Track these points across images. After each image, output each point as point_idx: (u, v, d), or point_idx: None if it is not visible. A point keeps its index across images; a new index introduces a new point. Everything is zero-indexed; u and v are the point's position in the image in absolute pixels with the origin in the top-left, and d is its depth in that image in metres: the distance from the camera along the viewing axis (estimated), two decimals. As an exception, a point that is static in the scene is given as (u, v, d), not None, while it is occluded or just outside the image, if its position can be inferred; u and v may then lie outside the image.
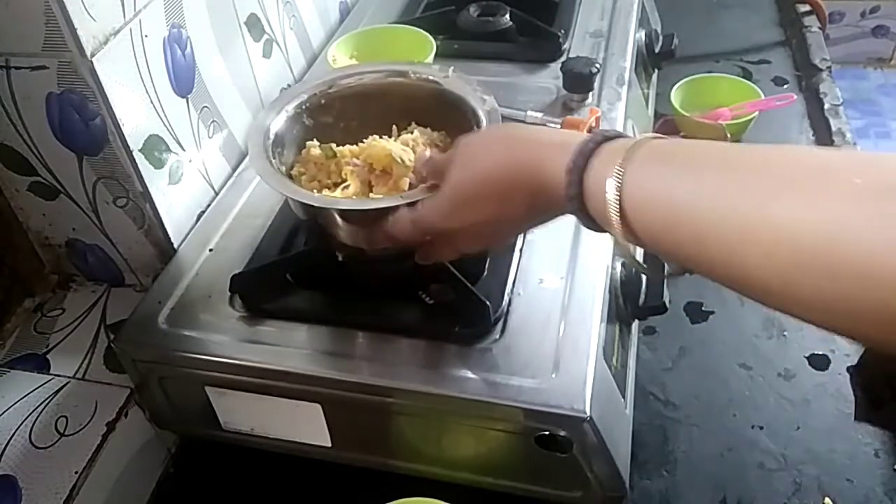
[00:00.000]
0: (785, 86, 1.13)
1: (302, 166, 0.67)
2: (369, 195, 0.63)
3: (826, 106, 1.05)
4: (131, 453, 0.67)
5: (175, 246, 0.73)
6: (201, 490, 0.70)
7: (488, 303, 0.60)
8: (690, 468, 0.68)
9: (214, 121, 0.79)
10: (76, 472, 0.61)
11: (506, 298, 0.62)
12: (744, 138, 0.99)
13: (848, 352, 0.76)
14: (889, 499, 0.64)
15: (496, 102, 0.64)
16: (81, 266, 0.77)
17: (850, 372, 0.74)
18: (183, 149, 0.73)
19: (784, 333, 0.78)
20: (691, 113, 0.99)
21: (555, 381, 0.56)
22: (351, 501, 0.67)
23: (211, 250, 0.71)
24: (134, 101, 0.65)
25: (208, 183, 0.78)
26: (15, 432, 0.63)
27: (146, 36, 0.66)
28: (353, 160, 0.64)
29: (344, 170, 0.64)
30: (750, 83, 1.04)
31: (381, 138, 0.65)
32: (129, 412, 0.66)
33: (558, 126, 0.78)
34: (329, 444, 0.65)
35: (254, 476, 0.70)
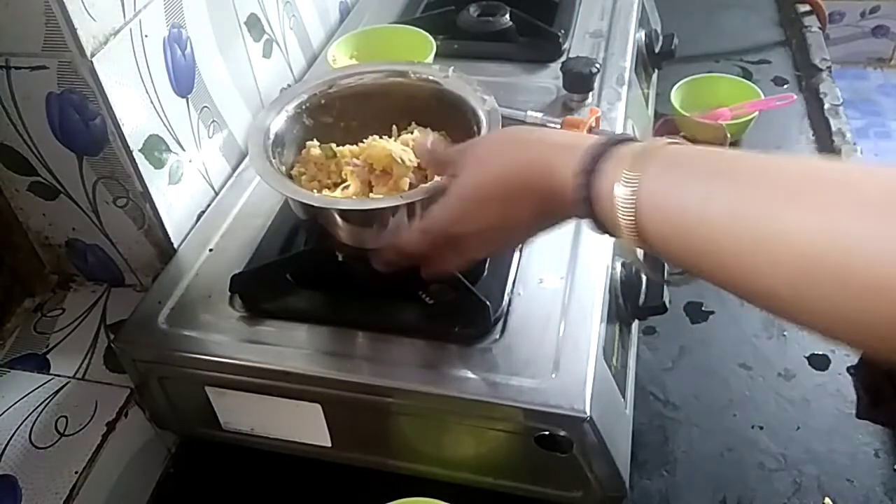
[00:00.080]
0: (785, 86, 1.13)
1: (302, 166, 0.67)
2: (369, 195, 0.63)
3: (826, 106, 1.05)
4: (131, 453, 0.67)
5: (175, 246, 0.73)
6: (201, 490, 0.70)
7: (488, 303, 0.60)
8: (690, 468, 0.68)
9: (214, 121, 0.79)
10: (76, 472, 0.61)
11: (506, 298, 0.62)
12: (744, 138, 0.99)
13: (848, 352, 0.76)
14: (889, 499, 0.64)
15: (496, 102, 0.64)
16: (81, 266, 0.77)
17: (852, 369, 0.73)
18: (183, 149, 0.73)
19: (784, 333, 0.78)
20: (691, 113, 0.99)
21: (555, 381, 0.56)
22: (351, 501, 0.67)
23: (211, 250, 0.71)
24: (134, 101, 0.65)
25: (208, 183, 0.78)
26: (15, 432, 0.63)
27: (146, 36, 0.66)
28: (353, 160, 0.64)
29: (344, 170, 0.65)
30: (750, 83, 1.04)
31: (381, 138, 0.65)
32: (129, 412, 0.66)
33: (558, 126, 0.78)
34: (329, 444, 0.65)
35: (254, 476, 0.70)
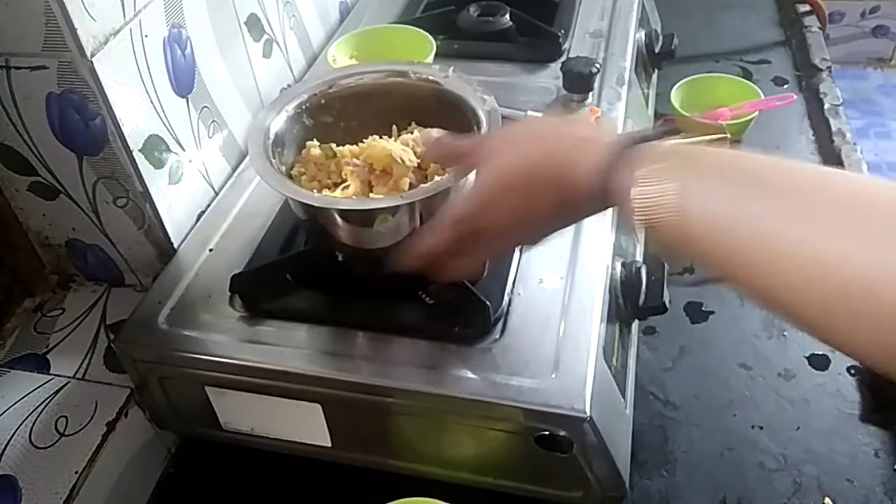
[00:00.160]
0: (785, 86, 1.13)
1: (302, 166, 0.67)
2: (369, 195, 0.63)
3: (826, 106, 1.05)
4: (131, 453, 0.67)
5: (175, 246, 0.73)
6: (201, 490, 0.70)
7: (488, 303, 0.60)
8: (690, 468, 0.68)
9: (214, 121, 0.79)
10: (76, 472, 0.61)
11: (506, 298, 0.62)
12: (744, 138, 0.99)
13: (848, 352, 0.76)
14: (889, 499, 0.64)
15: (496, 102, 0.64)
16: (81, 266, 0.77)
17: (856, 372, 0.74)
18: (183, 149, 0.73)
19: (784, 333, 0.78)
20: (691, 113, 0.99)
21: (555, 381, 0.56)
22: (351, 501, 0.67)
23: (211, 250, 0.71)
24: (134, 101, 0.65)
25: (208, 183, 0.78)
26: (15, 432, 0.63)
27: (146, 36, 0.66)
28: (353, 160, 0.64)
29: (344, 170, 0.64)
30: (750, 83, 1.04)
31: (381, 138, 0.65)
32: (129, 412, 0.66)
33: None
34: (329, 444, 0.65)
35: (254, 476, 0.70)
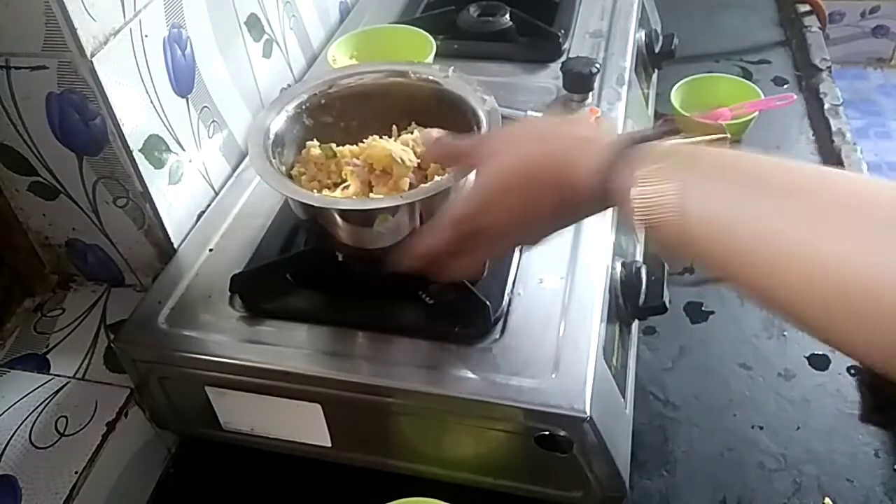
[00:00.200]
0: (785, 86, 1.13)
1: (302, 166, 0.67)
2: (369, 195, 0.63)
3: (826, 106, 1.05)
4: (131, 453, 0.67)
5: (175, 246, 0.72)
6: (201, 490, 0.70)
7: (488, 303, 0.60)
8: (690, 468, 0.68)
9: (214, 121, 0.78)
10: (76, 472, 0.61)
11: (506, 298, 0.62)
12: (744, 138, 0.99)
13: (848, 352, 0.76)
14: (889, 499, 0.64)
15: (496, 102, 0.64)
16: (81, 266, 0.77)
17: (856, 372, 0.74)
18: (183, 149, 0.73)
19: (784, 333, 0.78)
20: (691, 113, 0.99)
21: (555, 381, 0.56)
22: (351, 501, 0.67)
23: (211, 250, 0.71)
24: (134, 101, 0.65)
25: (208, 183, 0.78)
26: (15, 432, 0.63)
27: (146, 36, 0.66)
28: (353, 160, 0.64)
29: (344, 170, 0.64)
30: (750, 83, 1.03)
31: (381, 138, 0.65)
32: (129, 412, 0.66)
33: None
34: (329, 444, 0.65)
35: (254, 476, 0.70)
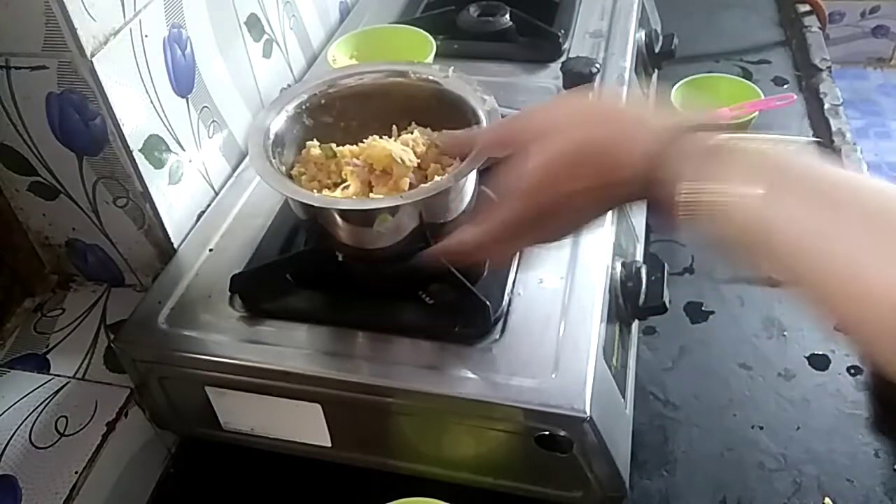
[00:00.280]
0: (785, 86, 1.13)
1: (302, 166, 0.66)
2: (369, 195, 0.63)
3: (826, 106, 1.05)
4: (131, 453, 0.67)
5: (175, 246, 0.72)
6: (201, 490, 0.70)
7: (488, 303, 0.60)
8: (690, 468, 0.68)
9: (214, 121, 0.78)
10: (76, 472, 0.61)
11: (506, 298, 0.62)
12: (744, 138, 0.99)
13: (848, 352, 0.76)
14: (889, 499, 0.64)
15: (496, 102, 0.64)
16: (81, 266, 0.77)
17: (868, 382, 0.73)
18: (183, 149, 0.73)
19: (784, 333, 0.78)
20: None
21: (555, 381, 0.56)
22: (351, 501, 0.67)
23: (211, 250, 0.71)
24: (134, 101, 0.65)
25: (208, 183, 0.78)
26: (15, 432, 0.63)
27: (146, 36, 0.66)
28: (353, 160, 0.64)
29: (344, 170, 0.64)
30: (750, 83, 1.04)
31: (381, 138, 0.65)
32: (129, 412, 0.66)
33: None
34: (329, 444, 0.65)
35: (254, 476, 0.70)
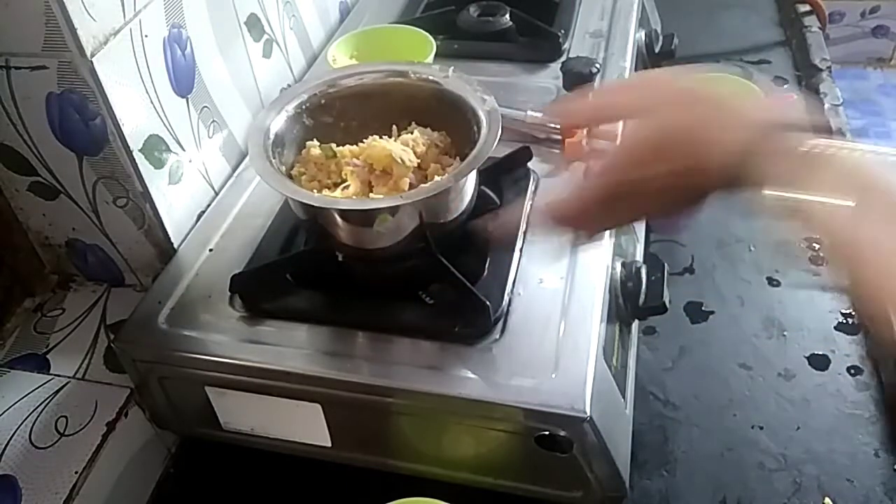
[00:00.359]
0: (785, 86, 1.13)
1: (302, 166, 0.67)
2: (369, 195, 0.63)
3: (826, 106, 1.05)
4: (131, 453, 0.67)
5: (175, 246, 0.72)
6: (201, 490, 0.70)
7: (488, 303, 0.60)
8: (690, 468, 0.68)
9: (214, 121, 0.78)
10: (76, 472, 0.61)
11: (506, 298, 0.62)
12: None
13: (848, 352, 0.76)
14: (889, 499, 0.64)
15: (496, 102, 0.64)
16: (81, 266, 0.77)
17: (882, 398, 0.72)
18: (183, 149, 0.73)
19: (784, 333, 0.78)
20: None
21: (555, 381, 0.56)
22: (351, 501, 0.67)
23: (211, 250, 0.71)
24: (134, 101, 0.65)
25: (208, 183, 0.78)
26: (15, 432, 0.63)
27: (146, 36, 0.66)
28: (353, 160, 0.64)
29: (344, 170, 0.65)
30: (750, 83, 1.03)
31: (381, 138, 0.65)
32: (129, 412, 0.66)
33: (558, 126, 0.78)
34: (329, 444, 0.65)
35: (254, 476, 0.70)
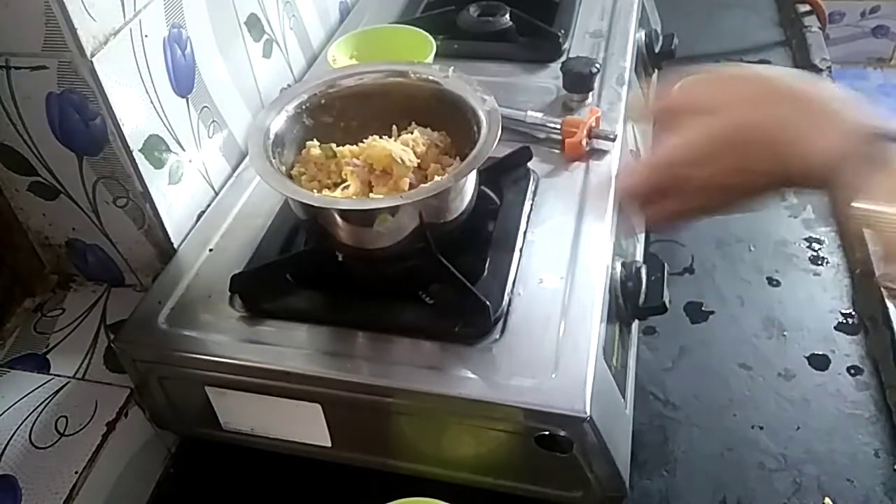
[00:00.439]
0: (785, 86, 1.13)
1: (302, 166, 0.67)
2: (369, 195, 0.63)
3: (826, 106, 1.05)
4: (131, 453, 0.67)
5: (175, 246, 0.72)
6: (201, 490, 0.70)
7: (488, 303, 0.60)
8: (690, 468, 0.68)
9: (214, 121, 0.78)
10: (76, 472, 0.61)
11: (506, 298, 0.62)
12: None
13: (848, 352, 0.76)
14: (889, 499, 0.64)
15: (496, 102, 0.64)
16: (81, 266, 0.77)
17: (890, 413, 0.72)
18: (183, 149, 0.73)
19: (784, 333, 0.78)
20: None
21: (555, 381, 0.56)
22: (351, 501, 0.67)
23: (211, 250, 0.71)
24: (134, 101, 0.65)
25: (208, 183, 0.78)
26: (15, 432, 0.63)
27: (146, 36, 0.66)
28: (353, 160, 0.64)
29: (344, 170, 0.65)
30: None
31: (381, 138, 0.65)
32: (129, 412, 0.66)
33: (558, 126, 0.78)
34: (329, 444, 0.65)
35: (254, 476, 0.70)
